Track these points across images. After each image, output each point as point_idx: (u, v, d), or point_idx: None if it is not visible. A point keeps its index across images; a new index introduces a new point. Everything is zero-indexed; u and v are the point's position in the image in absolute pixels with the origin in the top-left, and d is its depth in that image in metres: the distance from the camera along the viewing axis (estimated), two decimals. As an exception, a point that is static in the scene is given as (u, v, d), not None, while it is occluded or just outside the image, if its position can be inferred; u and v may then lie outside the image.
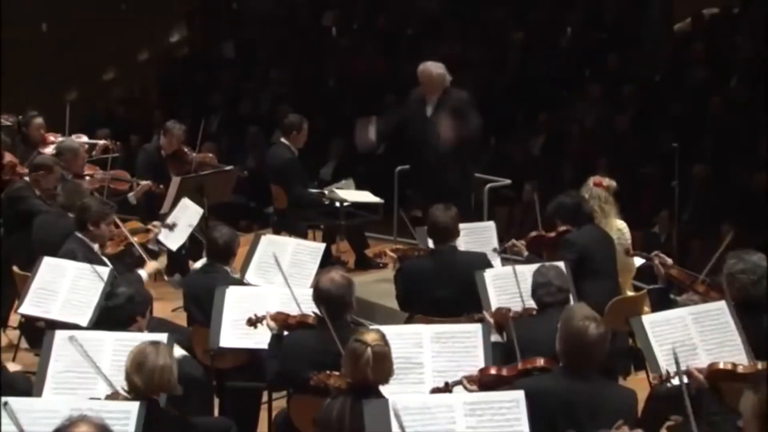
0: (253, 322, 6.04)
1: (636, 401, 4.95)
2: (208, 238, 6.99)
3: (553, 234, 7.19)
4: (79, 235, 7.17)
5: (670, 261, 6.50)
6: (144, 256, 7.42)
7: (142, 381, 4.82)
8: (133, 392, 4.86)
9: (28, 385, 5.68)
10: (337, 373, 5.01)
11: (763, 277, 5.73)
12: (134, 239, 7.53)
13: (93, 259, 7.03)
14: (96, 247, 7.20)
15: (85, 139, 10.23)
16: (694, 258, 10.38)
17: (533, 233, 7.40)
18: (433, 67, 8.87)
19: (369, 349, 4.80)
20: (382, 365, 4.82)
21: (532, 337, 5.49)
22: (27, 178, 8.40)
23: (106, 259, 7.19)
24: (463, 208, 8.02)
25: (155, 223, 7.86)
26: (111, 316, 5.91)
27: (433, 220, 7.01)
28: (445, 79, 8.84)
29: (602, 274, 7.00)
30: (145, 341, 5.00)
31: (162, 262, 7.27)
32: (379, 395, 4.78)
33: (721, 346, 5.42)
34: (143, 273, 7.22)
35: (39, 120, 9.77)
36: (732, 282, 5.76)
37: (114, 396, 5.04)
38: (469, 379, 5.20)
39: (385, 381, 4.85)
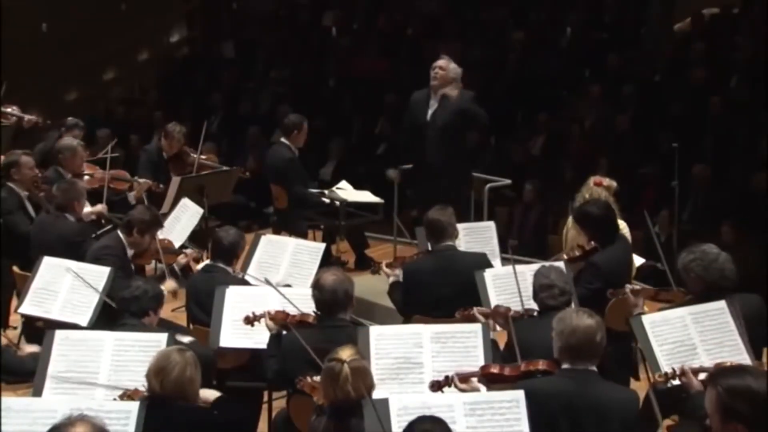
0: (250, 320, 6.05)
1: (638, 403, 4.97)
2: (214, 238, 6.99)
3: (579, 253, 7.02)
4: (121, 235, 7.25)
5: (637, 287, 6.40)
6: (166, 274, 7.46)
7: (161, 389, 4.81)
8: (151, 393, 4.86)
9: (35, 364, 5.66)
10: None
11: (713, 260, 5.77)
12: (163, 257, 7.57)
13: (123, 266, 7.10)
14: (131, 252, 7.26)
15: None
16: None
17: (564, 256, 6.96)
18: (453, 65, 8.81)
19: (346, 366, 4.71)
20: (362, 379, 4.73)
21: (534, 339, 5.47)
22: (10, 184, 8.34)
23: (133, 267, 7.29)
24: (462, 211, 8.04)
25: (189, 251, 7.87)
26: (126, 306, 5.93)
27: (429, 219, 7.01)
28: (458, 80, 8.77)
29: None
30: (172, 347, 4.99)
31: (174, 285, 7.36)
32: (361, 414, 4.67)
33: (721, 345, 5.43)
34: (162, 288, 7.23)
35: (80, 134, 9.78)
36: (688, 274, 5.82)
37: (134, 394, 5.04)
38: (461, 378, 5.17)
39: (369, 395, 4.73)
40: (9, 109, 10.57)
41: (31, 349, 6.30)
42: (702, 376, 5.03)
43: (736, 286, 5.80)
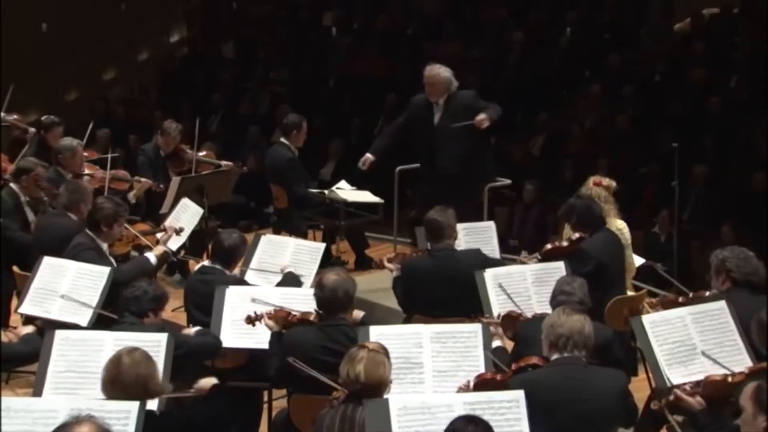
0: (251, 320, 6.04)
1: (626, 383, 5.12)
2: (215, 239, 6.96)
3: (566, 244, 7.06)
4: (90, 233, 7.15)
5: (653, 300, 6.43)
6: (151, 246, 7.48)
7: (122, 393, 4.80)
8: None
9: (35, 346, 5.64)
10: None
11: (751, 256, 5.87)
12: (144, 239, 7.56)
13: (102, 258, 7.06)
14: (105, 246, 7.20)
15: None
16: (694, 258, 10.40)
17: (548, 246, 7.12)
18: (441, 70, 8.76)
19: (365, 350, 4.82)
20: (375, 367, 4.79)
21: (539, 336, 5.47)
22: (14, 185, 8.35)
23: (113, 259, 7.21)
24: (471, 213, 8.05)
25: (166, 225, 7.91)
26: (127, 305, 5.91)
27: (428, 219, 7.03)
28: (451, 83, 8.72)
29: (616, 283, 6.93)
30: (121, 350, 4.95)
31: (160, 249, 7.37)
32: None
33: (721, 346, 5.43)
34: (151, 256, 7.23)
35: (60, 129, 9.78)
36: (723, 269, 5.89)
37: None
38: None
39: (377, 390, 4.80)
40: (12, 118, 10.61)
41: (26, 329, 6.26)
42: (697, 396, 5.02)
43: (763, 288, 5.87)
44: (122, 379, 4.79)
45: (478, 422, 4.20)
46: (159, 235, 7.79)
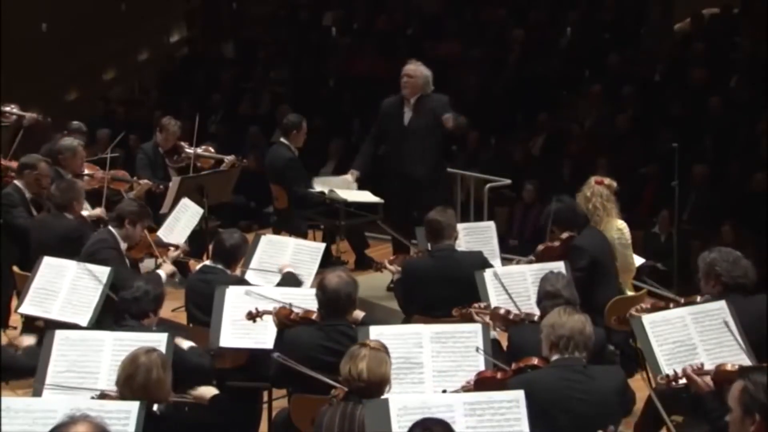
0: (252, 316, 6.05)
1: (624, 378, 5.13)
2: (217, 239, 6.97)
3: (557, 243, 7.07)
4: (113, 230, 7.26)
5: (646, 305, 6.42)
6: (162, 260, 7.50)
7: (131, 394, 4.81)
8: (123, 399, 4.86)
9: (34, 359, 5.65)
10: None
11: (739, 258, 5.84)
12: (158, 250, 7.59)
13: (121, 258, 7.16)
14: (124, 247, 7.27)
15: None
16: (694, 258, 10.40)
17: (541, 246, 7.18)
18: (423, 68, 8.79)
19: (366, 348, 4.86)
20: (378, 366, 4.83)
21: (532, 343, 5.47)
22: (18, 182, 8.38)
23: (127, 261, 7.29)
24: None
25: (178, 244, 7.94)
26: (127, 307, 5.90)
27: (428, 219, 7.03)
28: (428, 84, 8.73)
29: (610, 277, 6.97)
30: (140, 348, 4.96)
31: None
32: None
33: (721, 345, 5.43)
34: (162, 273, 7.26)
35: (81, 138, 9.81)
36: (713, 272, 5.85)
37: (105, 396, 5.03)
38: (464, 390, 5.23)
39: (378, 388, 4.82)
40: (8, 108, 10.58)
41: (28, 341, 6.26)
42: (707, 378, 5.02)
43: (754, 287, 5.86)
44: (136, 378, 4.81)
45: (435, 429, 4.18)
46: (171, 251, 7.77)
